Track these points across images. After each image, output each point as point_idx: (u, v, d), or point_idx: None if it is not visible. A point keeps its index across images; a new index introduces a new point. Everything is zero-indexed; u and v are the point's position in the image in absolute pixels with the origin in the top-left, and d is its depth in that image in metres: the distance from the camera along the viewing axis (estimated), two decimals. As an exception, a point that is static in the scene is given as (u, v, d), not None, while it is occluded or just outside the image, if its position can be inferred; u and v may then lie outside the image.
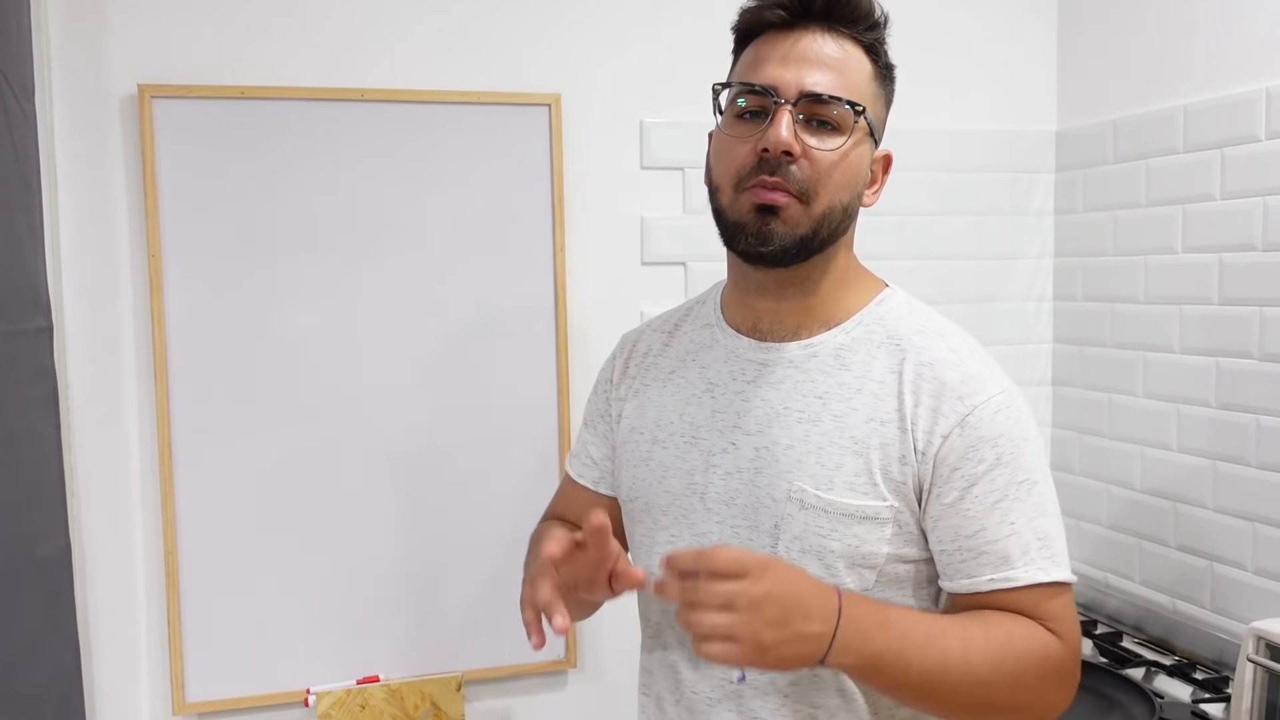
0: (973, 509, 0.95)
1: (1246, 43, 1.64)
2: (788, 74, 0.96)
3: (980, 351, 1.01)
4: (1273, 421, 1.60)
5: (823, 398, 0.99)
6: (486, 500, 1.76)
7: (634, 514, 1.11)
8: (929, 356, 0.98)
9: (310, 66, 1.66)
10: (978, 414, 0.95)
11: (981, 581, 0.96)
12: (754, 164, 0.96)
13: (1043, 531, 0.96)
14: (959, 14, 1.99)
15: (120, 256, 1.61)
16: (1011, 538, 0.95)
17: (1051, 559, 0.96)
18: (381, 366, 1.70)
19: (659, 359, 1.14)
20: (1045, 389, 2.09)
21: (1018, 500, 0.96)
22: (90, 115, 1.58)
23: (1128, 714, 1.51)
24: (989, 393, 0.96)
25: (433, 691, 1.72)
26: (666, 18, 1.81)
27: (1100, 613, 1.91)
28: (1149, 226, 1.82)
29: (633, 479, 1.11)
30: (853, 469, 0.97)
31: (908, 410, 0.97)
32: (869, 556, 0.97)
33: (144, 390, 1.63)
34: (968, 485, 0.95)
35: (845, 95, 0.96)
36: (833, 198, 0.97)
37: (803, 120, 0.96)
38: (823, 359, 1.01)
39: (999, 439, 0.95)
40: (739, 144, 0.98)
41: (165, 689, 1.66)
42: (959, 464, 0.95)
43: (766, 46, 0.99)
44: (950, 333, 1.02)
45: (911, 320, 1.03)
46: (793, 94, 0.95)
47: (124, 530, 1.63)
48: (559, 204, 1.76)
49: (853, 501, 0.96)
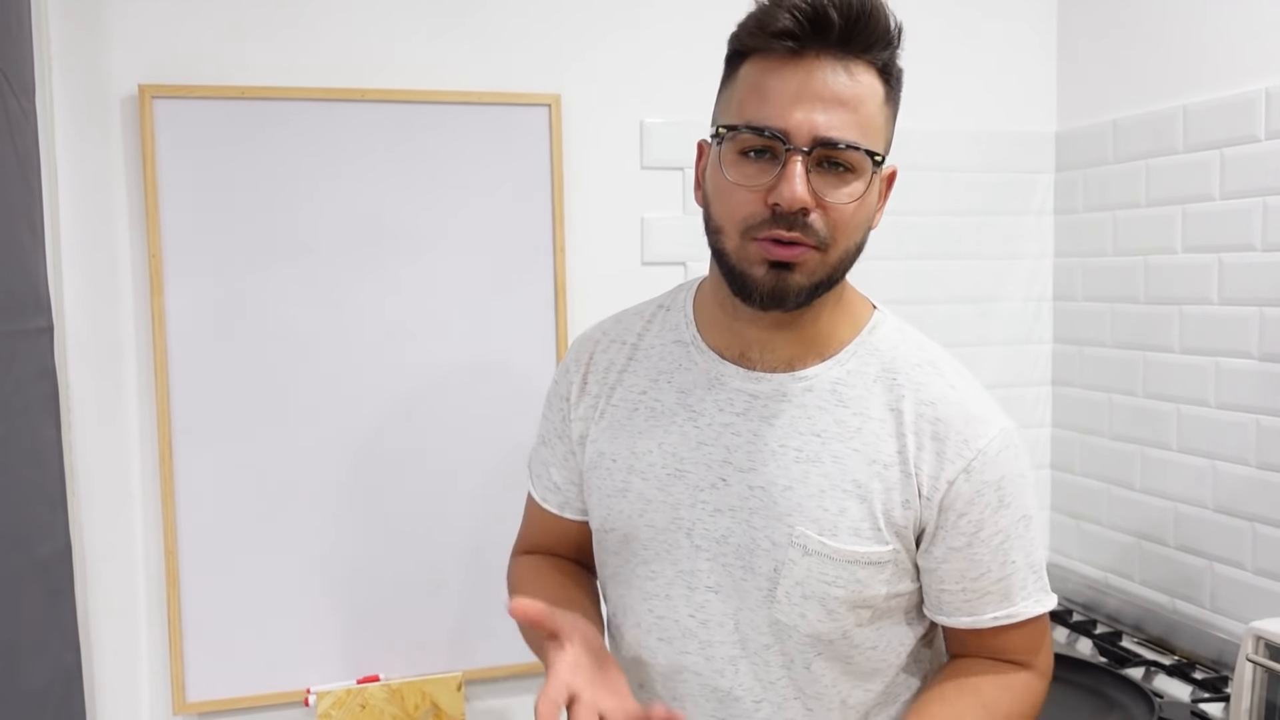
0: (980, 553, 0.96)
1: (1246, 43, 1.64)
2: (799, 116, 0.86)
3: (976, 385, 1.00)
4: (1273, 421, 1.60)
5: (821, 436, 0.95)
6: (487, 499, 1.76)
7: (609, 545, 1.06)
8: (928, 395, 0.96)
9: (310, 66, 1.66)
10: (983, 458, 0.94)
11: (985, 619, 0.99)
12: (766, 215, 0.88)
13: (1036, 563, 1.00)
14: (959, 14, 1.99)
15: (120, 256, 1.61)
16: (1012, 575, 0.98)
17: (1043, 589, 1.01)
18: (381, 366, 1.70)
19: (623, 375, 1.06)
20: (1045, 389, 2.09)
21: (1018, 538, 0.98)
22: (90, 115, 1.58)
23: (1127, 714, 1.51)
24: (990, 434, 0.95)
25: (433, 691, 1.72)
26: (667, 18, 1.81)
27: (1100, 613, 1.91)
28: (1149, 226, 1.82)
29: (607, 509, 1.04)
30: (856, 514, 0.94)
31: (910, 453, 0.94)
32: (870, 599, 0.96)
33: (144, 390, 1.63)
34: (975, 530, 0.95)
35: (862, 139, 0.87)
36: (849, 241, 0.91)
37: (815, 164, 0.87)
38: (819, 394, 0.97)
39: (1002, 481, 0.96)
40: (745, 189, 0.89)
41: (165, 689, 1.66)
42: (966, 509, 0.95)
43: (770, 77, 0.88)
44: (945, 365, 0.99)
45: (906, 351, 0.99)
46: (806, 142, 0.86)
47: (124, 530, 1.63)
48: (559, 204, 1.76)
49: (858, 549, 0.93)
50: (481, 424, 1.75)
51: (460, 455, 1.75)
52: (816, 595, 0.94)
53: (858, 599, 0.95)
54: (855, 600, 0.95)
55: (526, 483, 1.19)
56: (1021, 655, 1.02)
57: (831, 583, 0.94)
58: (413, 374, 1.72)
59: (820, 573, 0.94)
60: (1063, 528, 2.07)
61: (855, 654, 0.98)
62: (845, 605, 0.95)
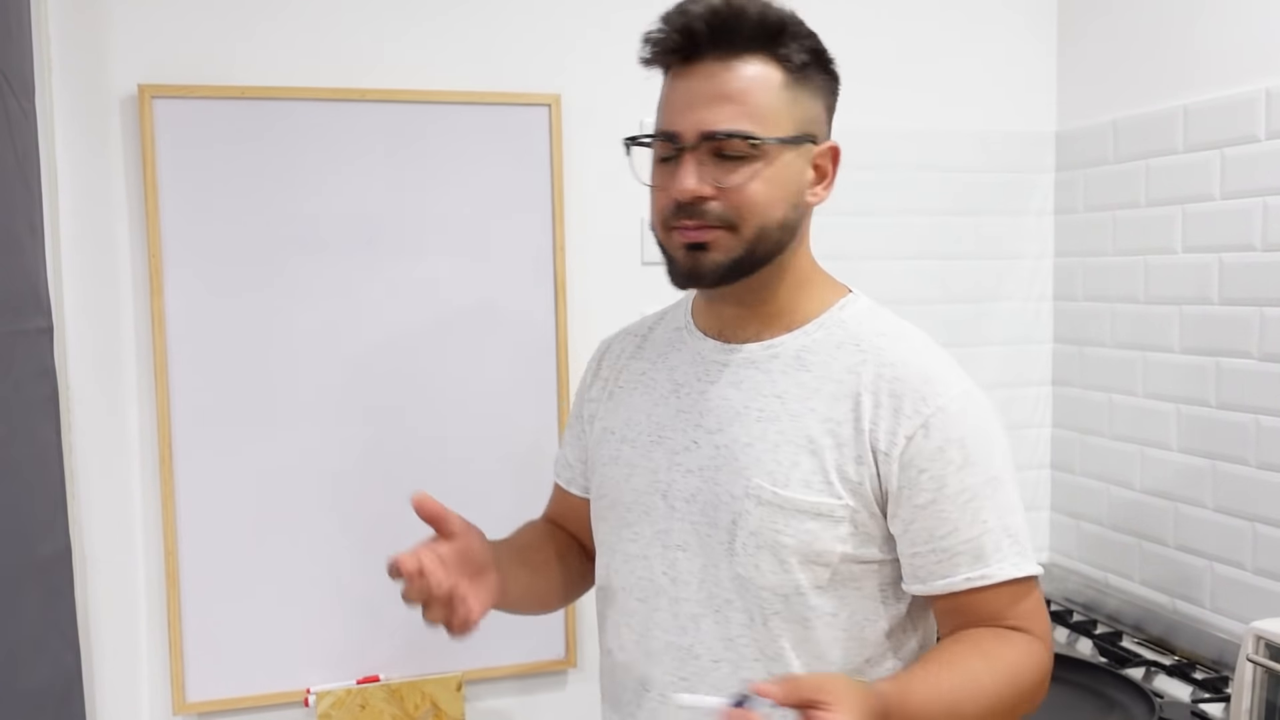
0: (946, 509, 0.97)
1: (1246, 43, 1.64)
2: (686, 118, 0.97)
3: (941, 354, 1.03)
4: (1273, 421, 1.60)
5: (781, 397, 1.01)
6: (487, 499, 1.76)
7: (600, 512, 1.13)
8: (888, 358, 1.00)
9: (310, 66, 1.66)
10: (942, 415, 0.97)
11: (958, 581, 0.98)
12: (674, 208, 0.98)
13: (1013, 528, 0.99)
14: (959, 14, 1.99)
15: (120, 256, 1.61)
16: (985, 535, 0.97)
17: (1021, 554, 0.99)
18: (381, 366, 1.70)
19: (631, 361, 1.16)
20: (1045, 389, 2.09)
21: (989, 498, 0.98)
22: (90, 115, 1.58)
23: (1128, 714, 1.51)
24: (951, 394, 0.98)
25: (433, 691, 1.72)
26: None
27: (1100, 613, 1.91)
28: (1149, 226, 1.82)
29: (601, 478, 1.12)
30: (808, 467, 0.98)
31: (866, 411, 0.98)
32: (822, 554, 0.98)
33: (144, 391, 1.63)
34: (939, 487, 0.97)
35: (747, 126, 0.95)
36: (762, 218, 0.98)
37: (711, 156, 0.97)
38: (783, 360, 1.03)
39: (965, 438, 0.97)
40: (658, 190, 1.01)
41: (165, 689, 1.66)
42: (927, 465, 0.96)
43: (670, 89, 1.01)
44: (911, 335, 1.04)
45: (873, 324, 1.04)
46: (692, 139, 0.97)
47: (124, 530, 1.63)
48: (559, 204, 1.76)
49: (807, 498, 0.98)
50: (481, 424, 1.75)
51: (460, 455, 1.75)
52: (769, 545, 0.98)
53: (808, 551, 0.98)
54: (806, 552, 0.98)
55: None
56: (1012, 622, 1.00)
57: (781, 531, 0.98)
58: (412, 374, 1.72)
59: (771, 522, 0.98)
60: (1063, 528, 2.07)
61: (813, 617, 0.99)
62: (796, 556, 0.98)
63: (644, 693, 1.07)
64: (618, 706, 1.12)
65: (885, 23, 1.96)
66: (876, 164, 1.94)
